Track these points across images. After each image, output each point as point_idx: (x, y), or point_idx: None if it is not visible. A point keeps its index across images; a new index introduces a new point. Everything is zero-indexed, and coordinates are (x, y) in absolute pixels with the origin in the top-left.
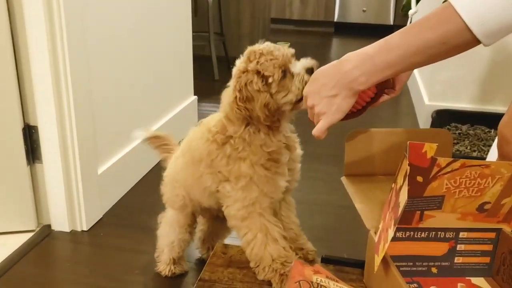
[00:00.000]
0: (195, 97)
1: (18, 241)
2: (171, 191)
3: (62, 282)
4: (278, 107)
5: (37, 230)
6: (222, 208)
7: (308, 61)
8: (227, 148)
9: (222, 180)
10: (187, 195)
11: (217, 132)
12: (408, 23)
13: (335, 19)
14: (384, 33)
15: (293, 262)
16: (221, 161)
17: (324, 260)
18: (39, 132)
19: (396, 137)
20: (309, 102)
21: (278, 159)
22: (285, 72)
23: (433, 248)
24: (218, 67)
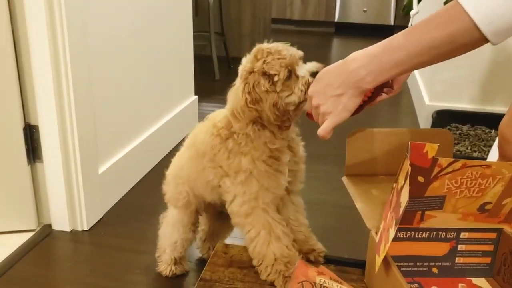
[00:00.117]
0: (196, 97)
1: (19, 241)
2: (174, 189)
3: (63, 282)
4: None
5: (38, 230)
6: (226, 205)
7: (314, 65)
8: (230, 143)
9: (223, 175)
10: (191, 191)
11: (222, 128)
12: (410, 24)
13: (336, 19)
14: (385, 33)
15: (297, 262)
16: (223, 155)
17: (325, 260)
18: (40, 132)
19: (397, 137)
20: (314, 102)
21: (279, 157)
22: (291, 73)
23: (434, 248)
24: (219, 67)
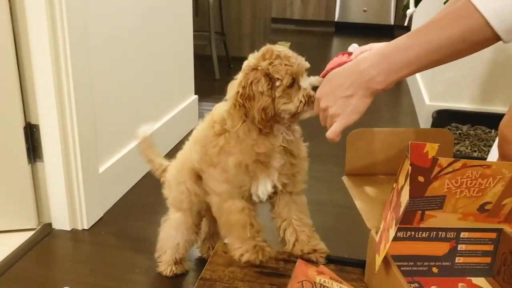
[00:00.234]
0: (196, 97)
1: (19, 240)
2: (177, 189)
3: (63, 281)
4: (276, 114)
5: (38, 229)
6: (204, 186)
7: (317, 79)
8: (221, 139)
9: (209, 164)
10: (191, 187)
11: (217, 122)
12: (406, 22)
13: (336, 19)
14: (385, 33)
15: (297, 262)
16: (214, 149)
17: (325, 260)
18: (40, 131)
19: (397, 137)
20: (323, 104)
21: (267, 163)
22: (294, 82)
23: (434, 248)
24: (219, 67)
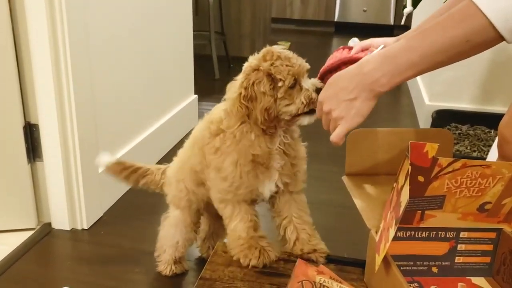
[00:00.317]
0: (196, 96)
1: (19, 239)
2: (176, 187)
3: (62, 281)
4: (278, 114)
5: (38, 228)
6: (209, 194)
7: (320, 82)
8: (217, 140)
9: (208, 166)
10: (189, 186)
11: (214, 122)
12: (403, 22)
13: (336, 19)
14: (385, 33)
15: (297, 261)
16: (211, 149)
17: (325, 260)
18: (40, 130)
19: (397, 137)
20: (326, 107)
21: (266, 164)
22: (296, 83)
23: (434, 248)
24: (219, 66)
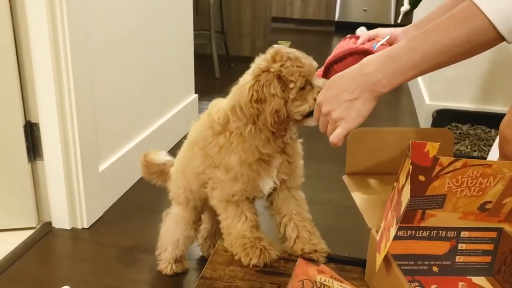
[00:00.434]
0: (196, 95)
1: (19, 238)
2: (176, 184)
3: (63, 280)
4: (288, 116)
5: (38, 228)
6: (206, 190)
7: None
8: (221, 139)
9: (212, 166)
10: (187, 184)
11: (217, 121)
12: (400, 20)
13: (336, 18)
14: None
15: (298, 260)
16: (214, 149)
17: (326, 259)
18: (40, 129)
19: (398, 136)
20: (325, 108)
21: (269, 161)
22: (306, 83)
23: (434, 247)
24: (219, 66)
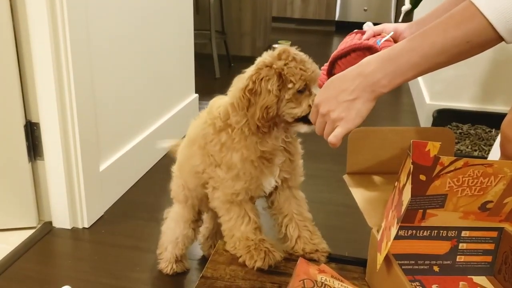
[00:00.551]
0: (196, 95)
1: (19, 238)
2: (176, 182)
3: (63, 279)
4: (278, 115)
5: (38, 227)
6: (207, 190)
7: None
8: (223, 136)
9: (213, 165)
10: (185, 183)
11: (218, 117)
12: (400, 19)
13: (336, 18)
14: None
15: (298, 260)
16: (215, 147)
17: (327, 259)
18: (41, 129)
19: (398, 136)
20: (324, 109)
21: (271, 159)
22: (305, 88)
23: (435, 247)
24: (219, 65)
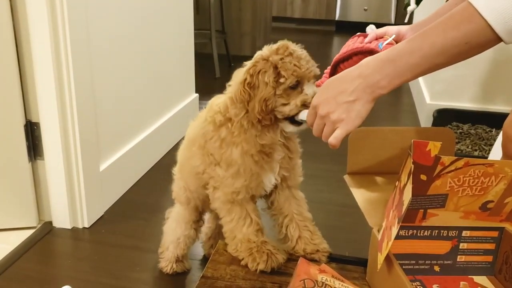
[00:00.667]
0: (197, 95)
1: (19, 238)
2: (177, 184)
3: (63, 279)
4: (274, 109)
5: (38, 227)
6: (207, 191)
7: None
8: (223, 131)
9: (213, 164)
10: (186, 184)
11: (218, 112)
12: (406, 19)
13: (337, 18)
14: None
15: (299, 260)
16: (215, 144)
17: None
18: (41, 129)
19: (399, 136)
20: (323, 110)
21: (271, 154)
22: (298, 85)
23: (436, 247)
24: (219, 65)
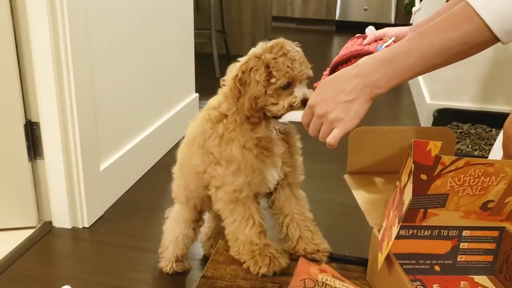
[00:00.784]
0: (197, 95)
1: (19, 238)
2: (176, 183)
3: (63, 279)
4: (264, 107)
5: (38, 227)
6: (209, 192)
7: (311, 92)
8: (220, 127)
9: (213, 163)
10: (185, 184)
11: (214, 108)
12: (412, 20)
13: (337, 18)
14: None
15: (299, 260)
16: (214, 141)
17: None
18: (41, 129)
19: (399, 135)
20: (321, 110)
21: (269, 148)
22: (288, 85)
23: (436, 246)
24: (219, 65)
